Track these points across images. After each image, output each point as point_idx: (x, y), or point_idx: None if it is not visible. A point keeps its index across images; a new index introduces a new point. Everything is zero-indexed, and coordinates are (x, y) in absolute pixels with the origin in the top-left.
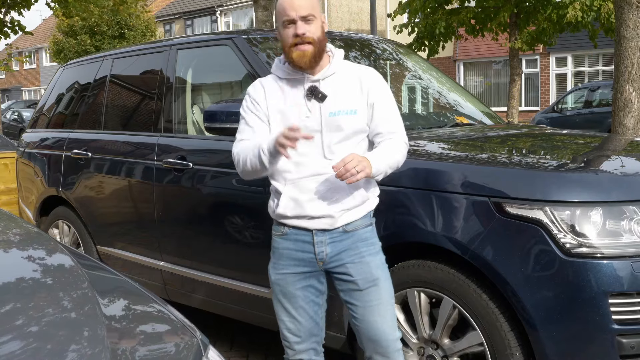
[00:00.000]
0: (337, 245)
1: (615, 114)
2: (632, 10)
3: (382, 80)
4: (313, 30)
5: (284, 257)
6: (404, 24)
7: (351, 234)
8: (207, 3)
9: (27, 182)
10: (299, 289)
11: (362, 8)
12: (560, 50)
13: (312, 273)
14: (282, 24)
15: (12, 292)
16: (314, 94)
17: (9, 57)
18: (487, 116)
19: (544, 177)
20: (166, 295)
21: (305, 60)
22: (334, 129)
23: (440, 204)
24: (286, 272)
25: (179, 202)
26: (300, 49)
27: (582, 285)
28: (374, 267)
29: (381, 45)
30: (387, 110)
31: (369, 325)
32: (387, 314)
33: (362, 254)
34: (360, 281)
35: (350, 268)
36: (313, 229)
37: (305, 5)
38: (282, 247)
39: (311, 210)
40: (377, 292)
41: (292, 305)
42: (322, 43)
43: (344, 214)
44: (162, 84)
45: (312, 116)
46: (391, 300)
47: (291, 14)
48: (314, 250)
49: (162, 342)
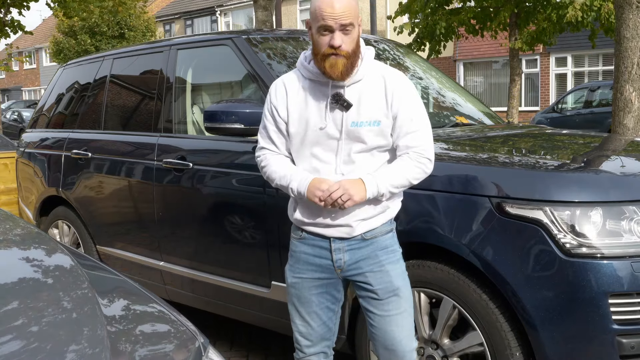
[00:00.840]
0: (356, 253)
1: (615, 114)
2: (632, 10)
3: (409, 87)
4: (349, 42)
5: (301, 262)
6: (405, 24)
7: (370, 241)
8: (207, 3)
9: (27, 182)
10: (314, 295)
11: (362, 8)
12: (560, 50)
13: (329, 280)
14: (317, 28)
15: (12, 292)
16: (338, 102)
17: (9, 57)
18: (487, 116)
19: (544, 177)
20: (166, 295)
21: (337, 72)
22: (354, 139)
23: (440, 204)
24: (303, 276)
25: (179, 202)
26: (332, 60)
27: (582, 286)
28: (394, 277)
29: (381, 45)
30: (408, 122)
31: (386, 334)
32: (406, 325)
33: (382, 263)
34: (380, 291)
35: (370, 277)
36: (330, 237)
37: (348, 12)
38: (300, 250)
39: (328, 218)
40: (397, 302)
41: (305, 310)
42: (356, 54)
43: (362, 223)
44: (162, 84)
45: (329, 124)
46: (410, 310)
47: (329, 22)
48: (331, 257)
49: (162, 342)
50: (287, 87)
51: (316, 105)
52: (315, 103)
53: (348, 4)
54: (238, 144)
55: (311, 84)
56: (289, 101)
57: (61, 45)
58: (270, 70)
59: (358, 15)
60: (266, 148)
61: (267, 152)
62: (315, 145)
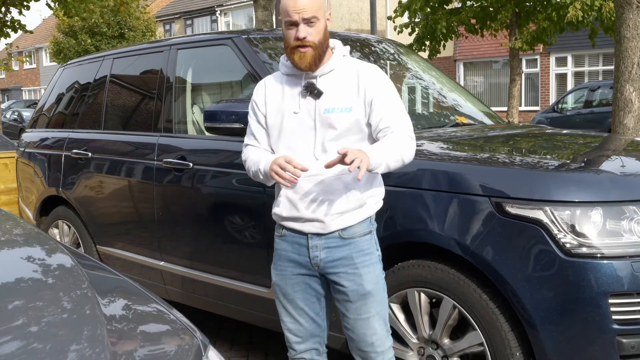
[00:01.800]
0: (333, 252)
1: (615, 114)
2: (632, 10)
3: (382, 77)
4: (314, 34)
5: (282, 258)
6: (405, 24)
7: (348, 241)
8: (207, 3)
9: (27, 182)
10: (298, 291)
11: (362, 8)
12: (560, 50)
13: (310, 276)
14: (284, 23)
15: (12, 292)
16: (309, 91)
17: (9, 57)
18: (487, 116)
19: (544, 177)
20: (166, 295)
21: (305, 63)
22: (327, 126)
23: (440, 204)
24: (285, 273)
25: (179, 202)
26: (300, 51)
27: (582, 285)
28: (366, 281)
29: (381, 45)
30: (387, 106)
31: (359, 337)
32: (377, 327)
33: (356, 265)
34: (352, 293)
35: (343, 278)
36: (308, 233)
37: (309, 6)
38: (281, 248)
39: (304, 211)
40: (367, 305)
41: (292, 306)
42: (323, 45)
43: (337, 218)
44: (162, 84)
45: (302, 112)
46: (383, 312)
47: (294, 16)
48: (308, 254)
49: (162, 342)
50: (266, 84)
51: (291, 95)
52: (290, 93)
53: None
54: (238, 143)
55: (288, 78)
56: (267, 94)
57: (61, 45)
58: (270, 70)
59: (323, 10)
60: (249, 144)
61: (249, 147)
62: (292, 135)
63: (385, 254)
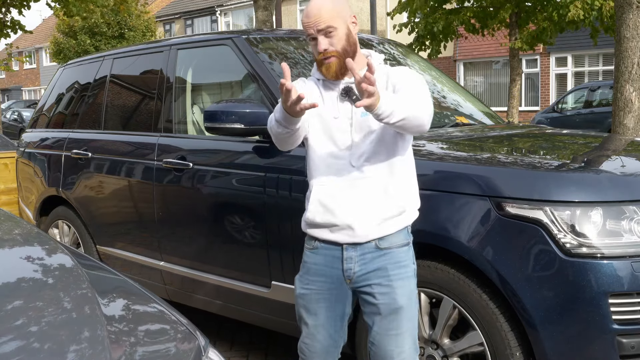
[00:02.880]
0: (368, 265)
1: (615, 114)
2: (632, 10)
3: (410, 73)
4: (336, 42)
5: (311, 272)
6: (404, 24)
7: (384, 252)
8: (207, 3)
9: (27, 182)
10: (322, 307)
11: (362, 8)
12: (560, 50)
13: (338, 292)
14: (307, 38)
15: (12, 292)
16: (348, 95)
17: (9, 57)
18: (487, 116)
19: (544, 177)
20: (166, 295)
21: (331, 73)
22: (365, 129)
23: (440, 203)
24: (312, 287)
25: (179, 202)
26: (325, 63)
27: (582, 285)
28: (399, 295)
29: (381, 45)
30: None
31: (384, 353)
32: (405, 345)
33: (390, 277)
34: (383, 307)
35: (375, 289)
36: (343, 243)
37: (321, 17)
38: (312, 261)
39: (340, 216)
40: (398, 321)
41: (312, 322)
42: (348, 51)
43: (376, 225)
44: (162, 84)
45: (340, 117)
46: (413, 330)
47: (309, 30)
48: (342, 267)
49: (162, 342)
50: (305, 82)
51: (329, 99)
52: (329, 98)
53: (319, 10)
54: (238, 144)
55: (324, 83)
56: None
57: (61, 45)
58: (270, 70)
59: (342, 16)
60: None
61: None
62: (329, 140)
63: None
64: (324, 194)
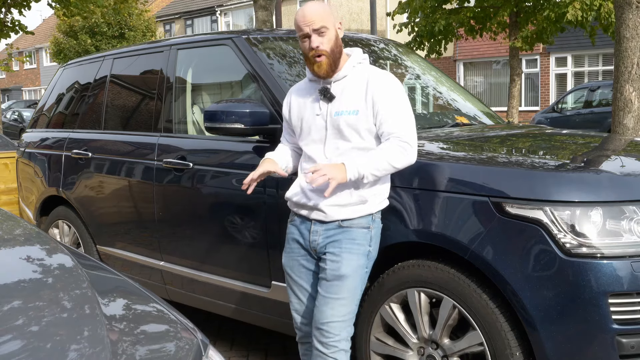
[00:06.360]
0: (328, 238)
1: (615, 114)
2: (632, 10)
3: (390, 84)
4: (326, 42)
5: (290, 241)
6: (404, 24)
7: (344, 229)
8: (207, 3)
9: (27, 182)
10: (302, 272)
11: (362, 8)
12: (560, 50)
13: (312, 260)
14: (299, 37)
15: (12, 292)
16: (323, 95)
17: (9, 57)
18: (487, 116)
19: (544, 177)
20: (166, 295)
21: (322, 71)
22: (336, 128)
23: (440, 204)
24: (292, 255)
25: (179, 202)
26: (316, 60)
27: (582, 285)
28: (345, 265)
29: (381, 45)
30: (388, 112)
31: (321, 313)
32: (340, 312)
33: (342, 249)
34: (329, 272)
35: (327, 257)
36: (312, 219)
37: (317, 18)
38: (290, 232)
39: (310, 199)
40: (339, 287)
41: (297, 287)
42: (335, 52)
43: (338, 210)
44: (162, 84)
45: (321, 114)
46: (351, 301)
47: (305, 28)
48: (309, 238)
49: (162, 342)
50: (292, 93)
51: (310, 99)
52: (310, 98)
53: (316, 11)
54: (238, 144)
55: (309, 84)
56: (292, 100)
57: (61, 45)
58: (270, 70)
59: (332, 20)
60: (280, 142)
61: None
62: (309, 135)
63: (385, 253)
64: (303, 179)
